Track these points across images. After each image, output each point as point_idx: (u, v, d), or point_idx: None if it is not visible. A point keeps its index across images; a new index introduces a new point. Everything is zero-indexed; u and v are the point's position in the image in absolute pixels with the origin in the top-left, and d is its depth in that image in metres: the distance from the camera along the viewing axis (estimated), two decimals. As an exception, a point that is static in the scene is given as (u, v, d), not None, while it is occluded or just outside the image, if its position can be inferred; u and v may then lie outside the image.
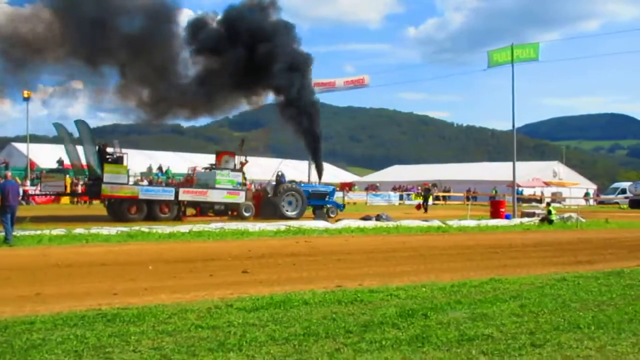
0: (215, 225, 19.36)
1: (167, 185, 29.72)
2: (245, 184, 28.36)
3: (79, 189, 31.80)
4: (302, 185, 29.84)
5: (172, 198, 25.04)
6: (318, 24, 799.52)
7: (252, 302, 7.56)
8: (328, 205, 29.72)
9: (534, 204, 54.67)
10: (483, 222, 25.26)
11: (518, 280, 9.80)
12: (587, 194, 74.71)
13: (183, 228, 18.25)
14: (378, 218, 25.66)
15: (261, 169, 45.31)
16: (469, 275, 10.48)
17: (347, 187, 46.58)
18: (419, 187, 37.65)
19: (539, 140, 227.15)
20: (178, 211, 25.33)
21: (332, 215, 28.80)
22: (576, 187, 74.83)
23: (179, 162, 61.86)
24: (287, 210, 27.11)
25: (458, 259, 13.38)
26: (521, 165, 62.03)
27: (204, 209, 26.30)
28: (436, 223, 23.57)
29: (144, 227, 18.21)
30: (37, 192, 35.17)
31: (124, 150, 25.32)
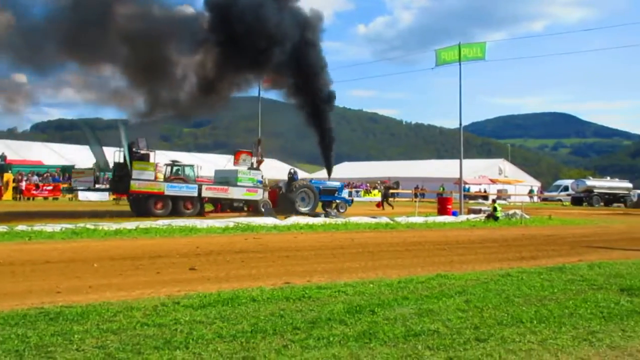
0: (163, 222, 19.14)
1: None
2: (264, 182, 29.31)
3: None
4: (313, 181, 31.38)
5: (196, 195, 26.09)
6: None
7: (199, 299, 7.49)
8: (337, 201, 30.92)
9: (480, 200, 55.59)
10: (430, 219, 25.61)
11: (464, 276, 9.95)
12: (531, 191, 76.42)
13: (130, 225, 18.01)
14: (327, 215, 25.76)
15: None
16: (416, 272, 10.58)
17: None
18: (378, 184, 38.01)
19: (485, 139, 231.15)
20: (201, 207, 26.44)
21: (341, 210, 30.23)
22: (521, 185, 76.44)
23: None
24: (299, 206, 28.17)
25: (406, 255, 13.51)
26: (468, 163, 63.11)
27: (224, 206, 27.46)
28: (384, 220, 23.77)
29: (90, 224, 17.89)
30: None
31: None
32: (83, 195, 40.77)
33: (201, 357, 5.24)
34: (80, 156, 60.96)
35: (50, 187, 42.07)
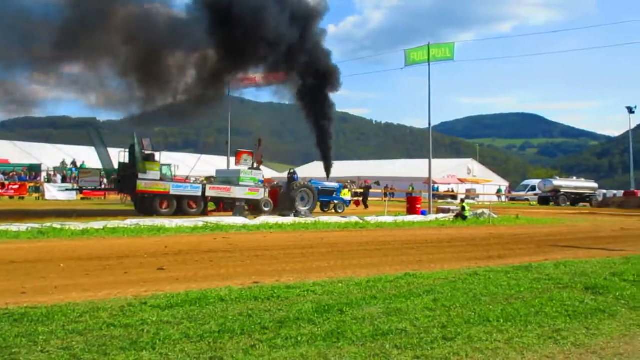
0: (131, 222, 18.95)
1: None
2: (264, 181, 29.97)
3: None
4: (313, 182, 31.54)
5: (200, 194, 26.75)
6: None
7: (167, 299, 7.43)
8: (335, 201, 31.87)
9: (449, 200, 55.98)
10: (400, 218, 25.72)
11: (432, 275, 10.01)
12: (499, 191, 77.20)
13: (97, 225, 17.81)
14: (296, 214, 25.77)
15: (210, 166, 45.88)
16: (385, 271, 10.61)
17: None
18: (348, 184, 38.32)
19: (454, 138, 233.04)
20: (205, 206, 27.10)
21: (339, 211, 31.23)
22: (489, 184, 77.14)
23: (95, 157, 60.34)
24: (299, 206, 28.61)
25: (375, 254, 13.54)
26: (437, 163, 63.51)
27: (227, 205, 27.94)
28: (354, 219, 23.84)
29: (56, 224, 17.66)
30: None
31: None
32: (50, 195, 40.30)
33: (168, 357, 5.20)
34: (47, 154, 60.35)
35: (16, 186, 41.48)
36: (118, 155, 26.50)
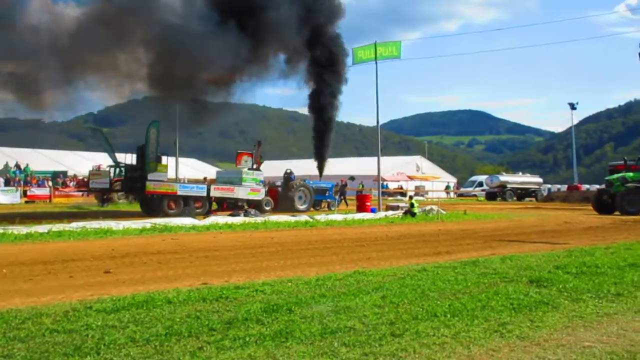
0: (77, 225, 18.59)
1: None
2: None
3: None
4: (307, 181, 33.37)
5: (205, 194, 27.79)
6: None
7: (112, 303, 7.29)
8: (328, 200, 33.26)
9: (398, 197, 56.48)
10: (350, 216, 25.82)
11: (381, 272, 10.05)
12: (447, 187, 78.20)
13: (41, 228, 17.42)
14: (246, 214, 25.70)
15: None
16: (334, 269, 10.63)
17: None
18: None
19: (403, 136, 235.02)
20: (210, 206, 28.05)
21: (332, 209, 32.50)
22: (438, 181, 78.11)
23: (40, 160, 59.12)
24: (297, 205, 30.47)
25: (324, 253, 13.55)
26: (386, 160, 63.97)
27: (229, 205, 28.79)
28: (304, 218, 23.85)
29: (-1, 228, 17.22)
30: None
31: None
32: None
33: (113, 362, 5.11)
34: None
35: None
36: (125, 158, 27.45)
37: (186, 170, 57.83)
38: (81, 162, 63.82)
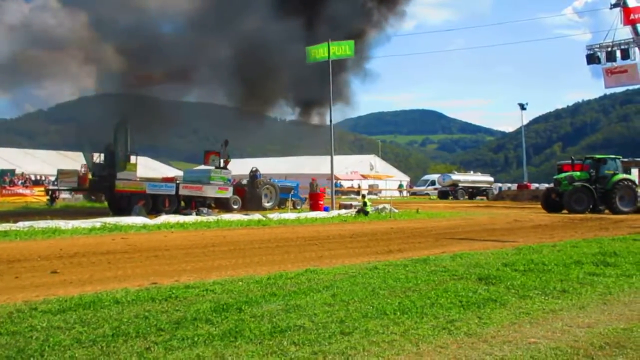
0: (24, 224, 18.16)
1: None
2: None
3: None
4: (273, 180, 34.14)
5: (174, 193, 27.86)
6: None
7: (58, 304, 7.15)
8: (294, 199, 33.07)
9: (352, 196, 56.72)
10: (303, 215, 25.80)
11: (333, 270, 10.08)
12: (400, 186, 78.82)
13: (-13, 228, 16.98)
14: (198, 213, 25.54)
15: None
16: (286, 268, 10.62)
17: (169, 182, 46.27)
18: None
19: (357, 135, 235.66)
20: (178, 205, 27.90)
21: (298, 207, 32.42)
22: (391, 180, 78.61)
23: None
24: (264, 202, 31.03)
25: (277, 251, 13.51)
26: (340, 159, 64.10)
27: (197, 203, 28.49)
28: (257, 217, 23.75)
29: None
30: None
31: None
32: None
33: (57, 364, 5.01)
34: None
35: None
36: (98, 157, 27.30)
37: (141, 170, 57.00)
38: (30, 160, 62.55)
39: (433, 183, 72.60)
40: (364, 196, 32.61)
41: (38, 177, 55.07)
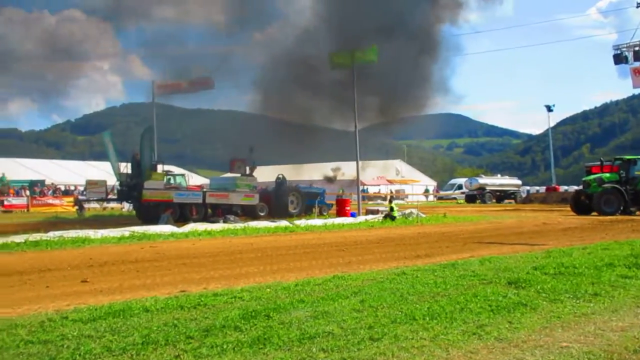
0: (54, 234, 18.38)
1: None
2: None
3: None
4: (299, 187, 34.35)
5: (201, 201, 28.30)
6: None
7: (89, 312, 7.21)
8: (320, 205, 33.08)
9: (378, 201, 56.59)
10: (329, 221, 25.79)
11: (360, 276, 10.04)
12: (427, 191, 78.47)
13: (18, 238, 17.18)
14: (225, 220, 25.63)
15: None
16: (313, 274, 10.60)
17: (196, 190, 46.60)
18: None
19: (382, 140, 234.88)
20: (205, 212, 28.32)
21: (324, 214, 32.20)
22: (417, 184, 78.30)
23: (17, 169, 58.59)
24: (290, 209, 30.98)
25: (304, 258, 13.52)
26: (366, 165, 63.87)
27: (224, 211, 28.64)
28: (283, 223, 23.78)
29: (-26, 239, 16.98)
30: None
31: None
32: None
33: (88, 372, 5.05)
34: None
35: None
36: (125, 167, 27.69)
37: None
38: (58, 171, 63.31)
39: (460, 187, 72.16)
40: (390, 201, 32.58)
41: (67, 187, 55.74)
